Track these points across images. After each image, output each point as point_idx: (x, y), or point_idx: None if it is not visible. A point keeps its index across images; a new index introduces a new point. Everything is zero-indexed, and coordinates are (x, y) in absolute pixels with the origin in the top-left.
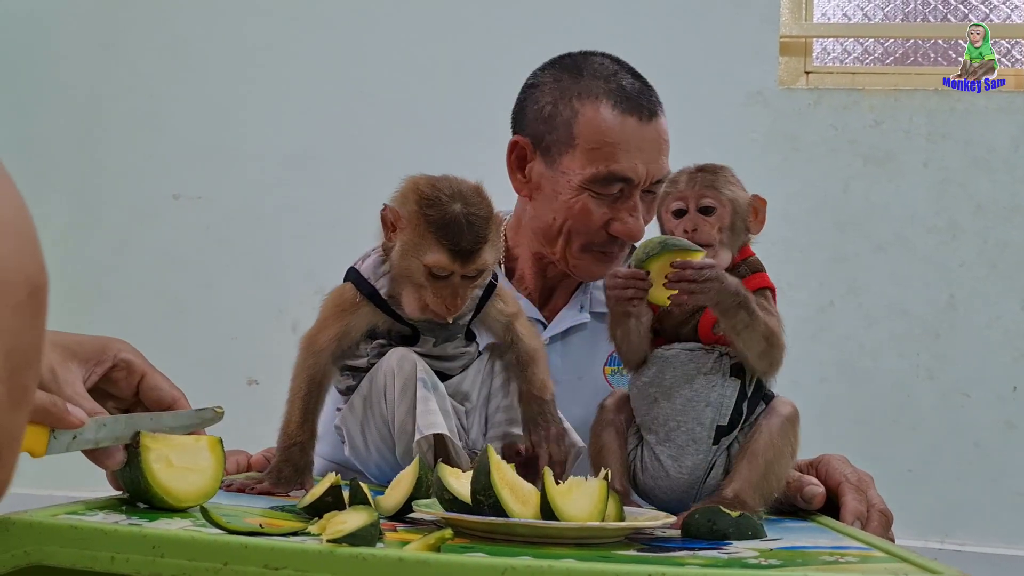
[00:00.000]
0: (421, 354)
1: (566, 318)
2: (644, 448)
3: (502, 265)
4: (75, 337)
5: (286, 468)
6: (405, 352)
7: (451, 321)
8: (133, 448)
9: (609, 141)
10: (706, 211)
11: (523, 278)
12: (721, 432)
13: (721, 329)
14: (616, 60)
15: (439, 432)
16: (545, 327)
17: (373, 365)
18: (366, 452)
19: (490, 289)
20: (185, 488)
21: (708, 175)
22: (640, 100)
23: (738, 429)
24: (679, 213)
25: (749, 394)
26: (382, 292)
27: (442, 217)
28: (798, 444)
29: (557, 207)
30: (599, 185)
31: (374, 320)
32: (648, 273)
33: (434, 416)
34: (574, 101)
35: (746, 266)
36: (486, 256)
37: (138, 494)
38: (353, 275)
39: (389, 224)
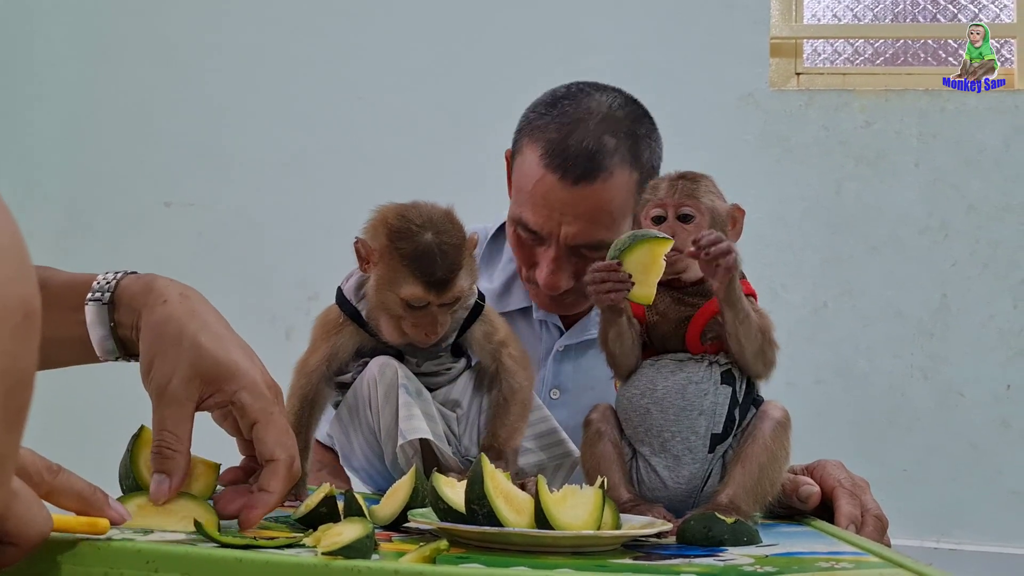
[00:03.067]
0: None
1: (585, 328)
2: (639, 460)
3: None
4: (214, 350)
5: None
6: (386, 360)
7: (427, 348)
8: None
9: (525, 189)
10: (685, 219)
11: None
12: (716, 440)
13: (722, 318)
14: (603, 106)
15: (422, 437)
16: (563, 333)
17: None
18: (356, 461)
19: (476, 311)
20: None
21: (688, 183)
22: (570, 159)
23: (732, 436)
24: (658, 220)
25: (740, 400)
26: (363, 314)
27: (414, 249)
28: (790, 447)
29: (507, 234)
30: (516, 224)
31: (360, 340)
32: (619, 263)
33: (417, 421)
34: (525, 136)
35: None
36: (461, 283)
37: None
38: (339, 295)
39: (363, 257)
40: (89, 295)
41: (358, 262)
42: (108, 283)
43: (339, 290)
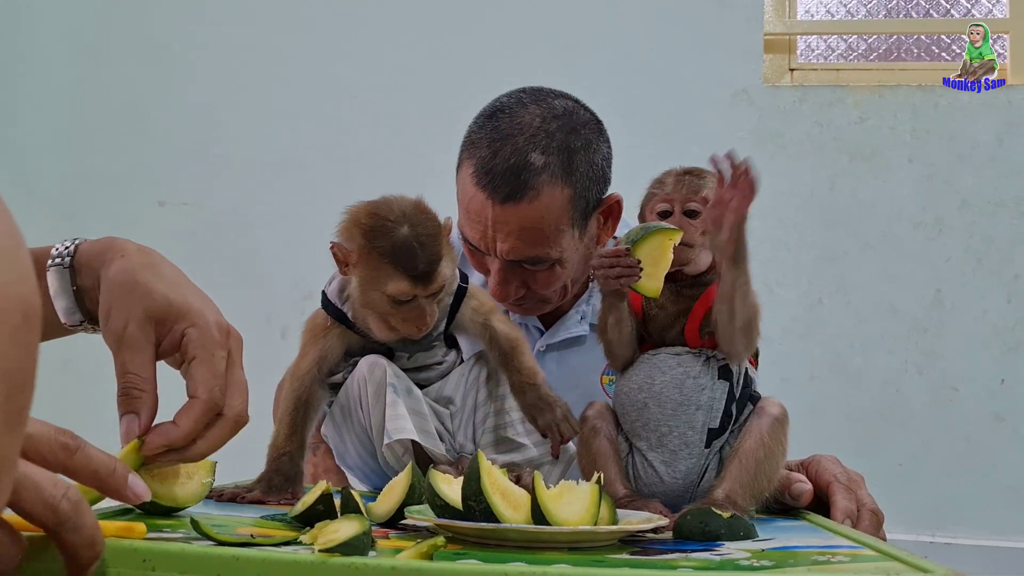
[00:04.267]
0: (402, 367)
1: (565, 327)
2: (635, 455)
3: None
4: (165, 292)
5: (276, 477)
6: (375, 359)
7: (420, 339)
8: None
9: (463, 205)
10: (691, 214)
11: None
12: (712, 435)
13: (722, 278)
14: (536, 119)
15: (407, 437)
16: (543, 334)
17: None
18: (351, 459)
19: (461, 293)
20: (166, 493)
21: (695, 179)
22: (497, 178)
23: (728, 431)
24: (665, 214)
25: (737, 396)
26: (349, 315)
27: (392, 245)
28: (787, 444)
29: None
30: (462, 238)
31: (348, 341)
32: (629, 249)
33: (402, 421)
34: (464, 151)
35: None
36: (444, 272)
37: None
38: (323, 299)
39: (341, 260)
40: (49, 262)
41: (337, 265)
42: (67, 248)
43: (323, 294)
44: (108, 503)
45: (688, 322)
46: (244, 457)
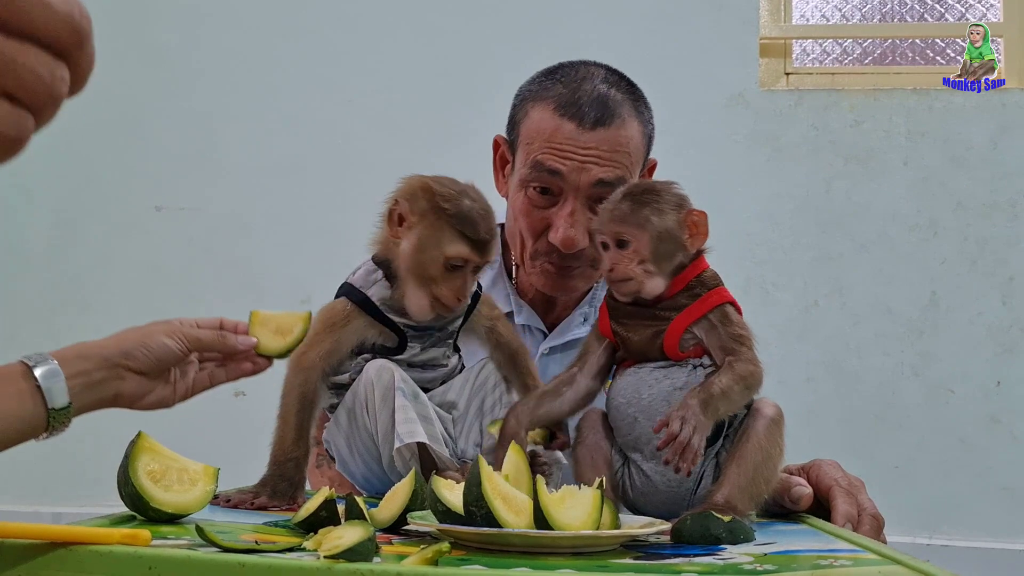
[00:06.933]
0: (405, 365)
1: (568, 329)
2: (631, 466)
3: (507, 272)
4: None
5: (281, 483)
6: (383, 363)
7: (437, 329)
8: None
9: (543, 139)
10: (622, 244)
11: (526, 286)
12: (706, 443)
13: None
14: (601, 70)
15: (419, 441)
16: (546, 336)
17: (355, 380)
18: (354, 465)
19: (476, 297)
20: (169, 499)
21: (625, 205)
22: (585, 107)
23: (723, 436)
24: (605, 246)
25: None
26: (374, 299)
27: (459, 211)
28: (784, 444)
29: (514, 208)
30: (532, 179)
31: (364, 333)
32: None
33: (413, 425)
34: (528, 103)
35: (699, 284)
36: (497, 246)
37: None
38: (345, 288)
39: (395, 220)
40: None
41: (388, 227)
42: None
43: (345, 284)
44: (105, 508)
45: (666, 338)
46: (245, 462)
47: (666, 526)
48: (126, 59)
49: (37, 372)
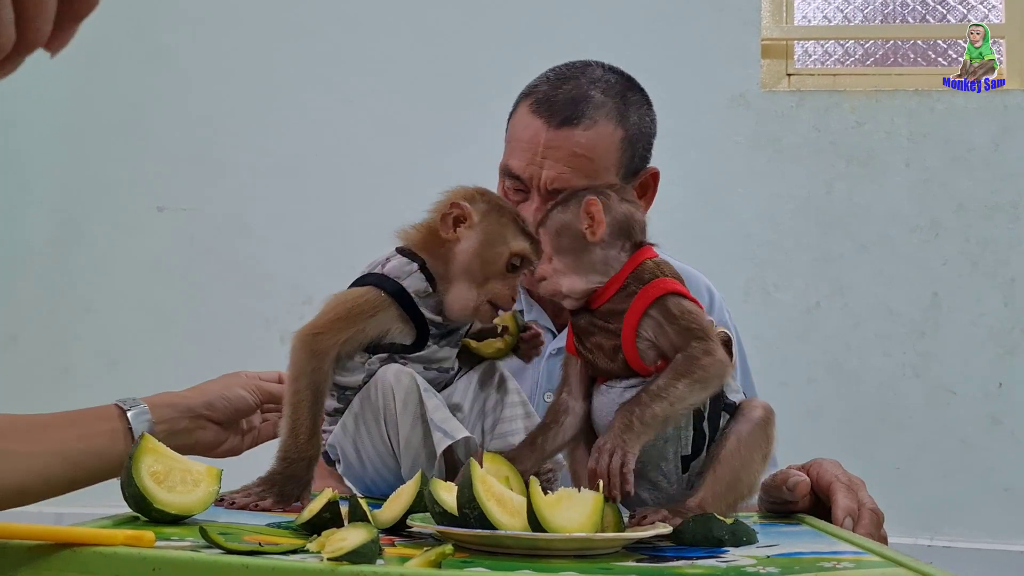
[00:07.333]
0: (419, 367)
1: None
2: None
3: None
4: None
5: (289, 484)
6: (400, 367)
7: (496, 314)
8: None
9: (515, 136)
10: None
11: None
12: (688, 460)
13: None
14: (599, 71)
15: (465, 436)
16: (555, 336)
17: (363, 385)
18: (362, 470)
19: None
20: (172, 500)
21: (544, 210)
22: (556, 106)
23: (705, 449)
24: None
25: (707, 413)
26: (409, 290)
27: (518, 212)
28: (771, 445)
29: None
30: (504, 176)
31: (389, 325)
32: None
33: (453, 422)
34: (518, 101)
35: (634, 280)
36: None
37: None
38: (375, 278)
39: (456, 221)
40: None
41: (443, 227)
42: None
43: (373, 274)
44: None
45: (624, 352)
46: (246, 463)
47: (666, 530)
48: (128, 60)
49: (130, 415)
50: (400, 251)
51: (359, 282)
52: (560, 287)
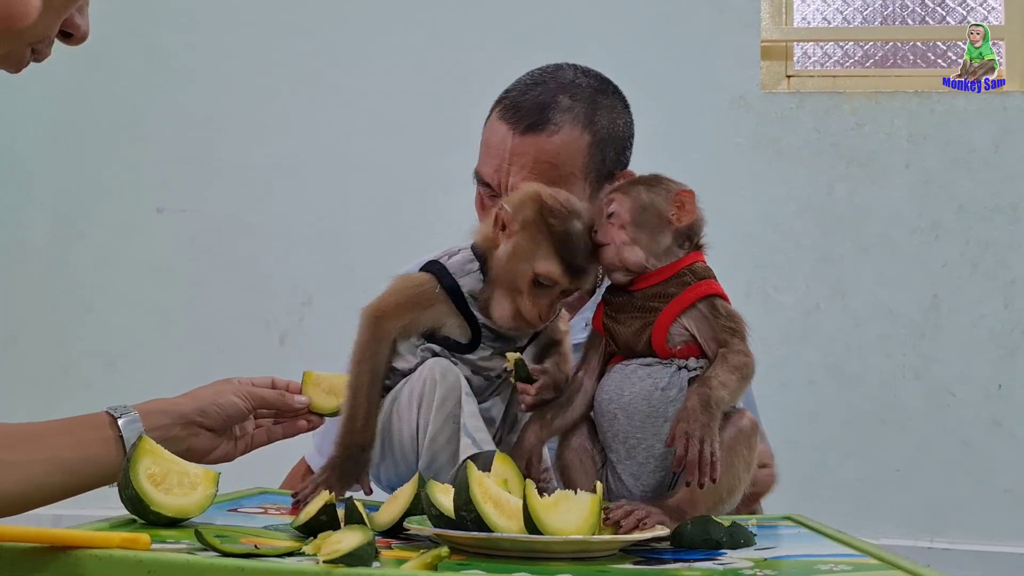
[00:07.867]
0: (468, 370)
1: (580, 328)
2: (608, 468)
3: None
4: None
5: (348, 465)
6: (449, 365)
7: (537, 329)
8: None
9: (485, 142)
10: (611, 215)
11: None
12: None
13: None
14: (570, 73)
15: (492, 450)
16: None
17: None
18: (379, 456)
19: None
20: (169, 503)
21: (624, 183)
22: (522, 112)
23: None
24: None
25: None
26: (464, 289)
27: (564, 230)
28: (754, 456)
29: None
30: (478, 184)
31: (442, 320)
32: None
33: (484, 434)
34: (496, 103)
35: (690, 273)
36: (592, 276)
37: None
38: (436, 268)
39: (499, 224)
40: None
41: (492, 228)
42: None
43: (438, 264)
44: (106, 512)
45: (654, 331)
46: (245, 466)
47: (663, 532)
48: (127, 60)
49: (120, 423)
50: (473, 247)
51: (427, 267)
52: (622, 254)
